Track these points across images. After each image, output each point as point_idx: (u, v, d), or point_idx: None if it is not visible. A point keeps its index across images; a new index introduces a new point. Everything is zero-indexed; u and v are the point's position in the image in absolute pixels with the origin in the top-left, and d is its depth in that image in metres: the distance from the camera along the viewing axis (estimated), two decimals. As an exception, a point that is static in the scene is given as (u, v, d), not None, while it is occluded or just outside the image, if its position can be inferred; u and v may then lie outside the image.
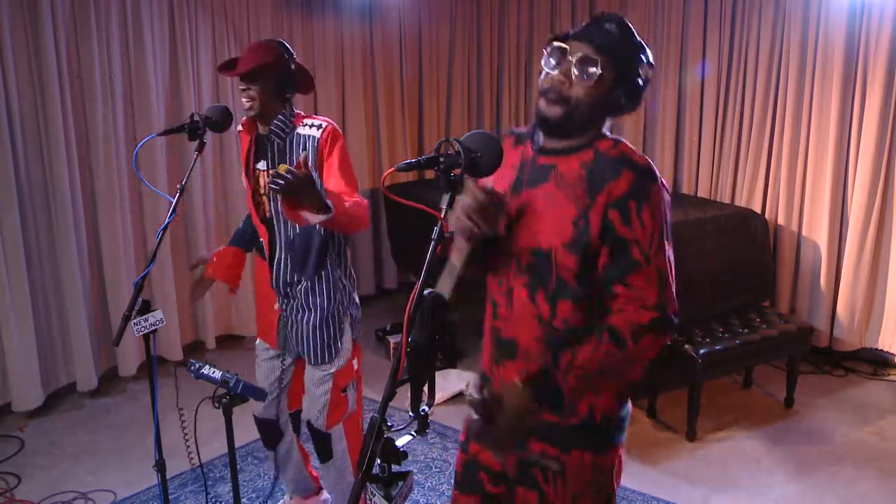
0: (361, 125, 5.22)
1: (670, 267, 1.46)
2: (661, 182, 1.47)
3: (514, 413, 1.40)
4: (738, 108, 4.60)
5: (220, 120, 2.41)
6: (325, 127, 2.36)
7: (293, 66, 2.39)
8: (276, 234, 2.44)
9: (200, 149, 2.33)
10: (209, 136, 2.43)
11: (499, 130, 5.72)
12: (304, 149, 2.34)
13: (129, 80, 4.01)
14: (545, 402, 1.42)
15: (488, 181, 1.57)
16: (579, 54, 1.44)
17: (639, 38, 1.49)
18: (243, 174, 2.51)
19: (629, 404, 1.64)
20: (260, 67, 2.29)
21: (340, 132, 2.40)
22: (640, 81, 1.48)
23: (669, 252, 1.47)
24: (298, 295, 2.47)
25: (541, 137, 1.56)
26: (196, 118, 2.35)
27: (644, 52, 1.49)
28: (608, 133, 1.55)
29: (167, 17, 4.12)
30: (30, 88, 3.60)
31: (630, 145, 1.52)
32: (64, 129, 3.68)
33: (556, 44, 1.47)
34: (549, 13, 5.34)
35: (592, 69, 1.43)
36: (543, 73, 1.50)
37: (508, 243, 1.54)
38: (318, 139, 2.34)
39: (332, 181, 2.30)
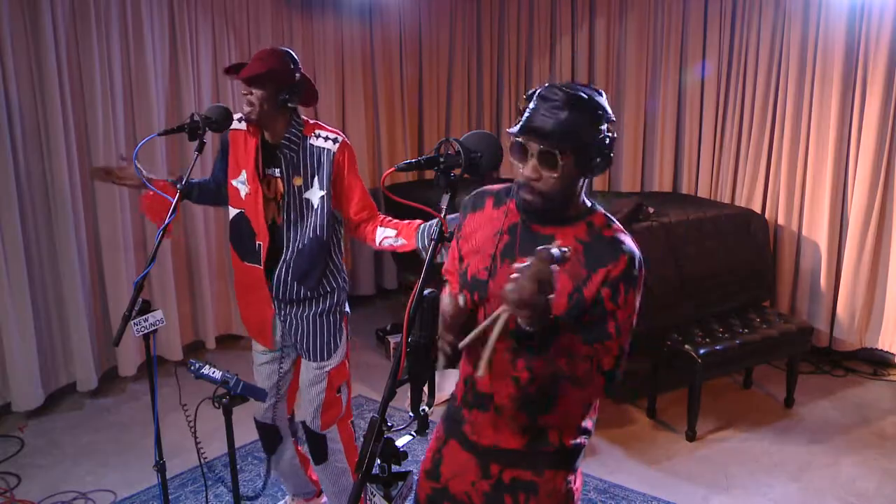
0: (361, 125, 5.22)
1: (628, 340, 1.56)
2: (642, 268, 1.56)
3: (538, 266, 1.35)
4: (738, 108, 4.60)
5: (220, 120, 2.41)
6: (341, 142, 2.42)
7: (297, 77, 2.39)
8: (285, 241, 2.44)
9: (200, 149, 2.33)
10: (209, 136, 2.43)
11: (499, 130, 5.72)
12: (320, 162, 2.39)
13: (129, 80, 4.01)
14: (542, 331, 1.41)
15: (467, 243, 1.63)
16: (536, 153, 1.44)
17: (589, 96, 1.47)
18: (249, 177, 2.47)
19: (588, 435, 1.71)
20: (264, 74, 2.30)
21: (350, 145, 2.47)
22: (606, 141, 1.48)
23: (631, 327, 1.56)
24: (299, 298, 2.47)
25: None
26: (196, 118, 2.35)
27: (599, 110, 1.47)
28: (595, 205, 1.59)
29: (167, 17, 4.12)
30: (30, 88, 3.60)
31: (618, 224, 1.59)
32: (64, 129, 3.68)
33: (514, 140, 1.48)
34: (549, 13, 5.34)
35: (553, 163, 1.44)
36: (514, 164, 1.52)
37: (491, 307, 1.55)
38: (335, 153, 2.40)
39: (359, 200, 2.47)
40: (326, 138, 2.41)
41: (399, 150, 5.52)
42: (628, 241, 1.55)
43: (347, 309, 2.60)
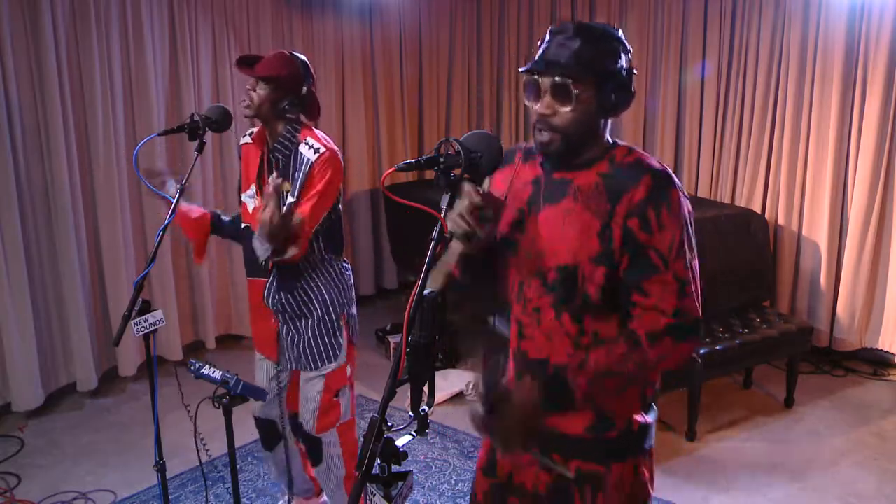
0: (361, 125, 5.22)
1: (693, 274, 1.44)
2: (680, 188, 1.46)
3: (521, 406, 1.37)
4: (738, 108, 4.60)
5: (220, 120, 2.41)
6: (323, 153, 2.32)
7: (304, 91, 2.38)
8: None
9: (200, 149, 2.33)
10: (209, 136, 2.43)
11: (499, 131, 5.72)
12: (299, 170, 2.33)
13: (129, 80, 4.01)
14: (556, 401, 1.39)
15: (501, 195, 1.57)
16: (549, 84, 1.41)
17: (602, 28, 1.44)
18: (255, 190, 2.46)
19: (655, 410, 1.64)
20: (272, 77, 2.30)
21: (339, 159, 2.37)
22: (623, 73, 1.43)
23: (693, 260, 1.45)
24: (297, 308, 2.47)
25: None
26: (196, 118, 2.35)
27: (614, 40, 1.43)
28: (618, 141, 1.52)
29: (167, 17, 4.12)
30: (30, 88, 3.60)
31: (644, 152, 1.50)
32: (64, 129, 3.68)
33: (527, 78, 1.45)
34: (549, 13, 5.34)
35: (567, 96, 1.40)
36: (531, 107, 1.47)
37: (528, 262, 1.52)
38: (313, 163, 2.32)
39: (303, 204, 2.29)
40: (310, 147, 2.34)
41: (399, 150, 5.51)
42: (652, 161, 1.46)
43: (351, 308, 2.58)
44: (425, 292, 1.34)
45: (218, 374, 2.08)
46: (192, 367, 2.12)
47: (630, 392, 1.54)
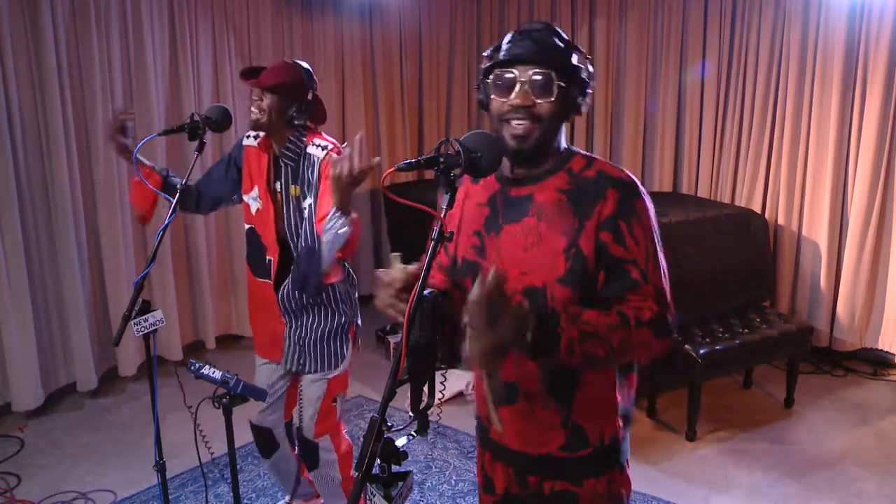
0: (361, 125, 5.22)
1: (664, 276, 1.43)
2: (644, 194, 1.44)
3: (509, 320, 1.27)
4: (738, 108, 4.60)
5: (220, 120, 2.41)
6: (330, 149, 2.37)
7: (310, 97, 2.40)
8: (293, 252, 2.45)
9: (200, 149, 2.33)
10: (209, 136, 2.43)
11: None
12: (311, 171, 2.36)
13: (129, 80, 4.01)
14: (542, 341, 1.30)
15: (453, 220, 1.55)
16: (530, 75, 1.39)
17: (563, 34, 1.46)
18: (261, 192, 2.47)
19: (630, 422, 1.59)
20: (277, 85, 2.32)
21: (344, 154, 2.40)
22: (586, 76, 1.45)
23: (662, 260, 1.44)
24: (307, 309, 2.48)
25: (505, 167, 1.49)
26: (196, 118, 2.35)
27: (576, 47, 1.46)
28: (572, 147, 1.50)
29: (167, 17, 4.12)
30: (30, 88, 3.60)
31: (602, 159, 1.48)
32: (64, 129, 3.68)
33: (498, 72, 1.42)
34: (549, 13, 5.34)
35: (549, 87, 1.39)
36: (495, 101, 1.44)
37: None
38: (322, 160, 2.35)
39: (326, 201, 2.28)
40: (318, 146, 2.38)
41: (399, 150, 5.52)
42: (614, 171, 1.44)
43: (358, 319, 2.59)
44: (425, 292, 1.34)
45: (218, 374, 2.08)
46: (192, 367, 2.12)
47: (605, 394, 1.50)
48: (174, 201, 2.26)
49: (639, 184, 1.45)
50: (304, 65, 2.43)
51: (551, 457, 1.52)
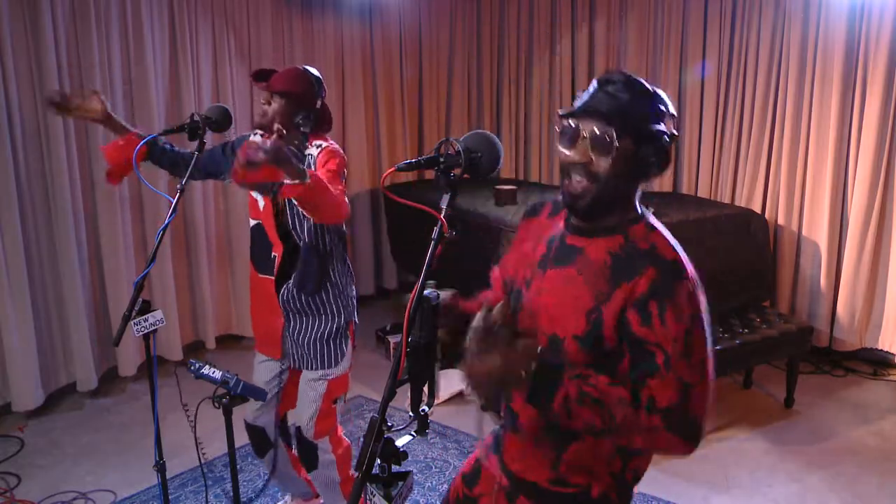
0: (361, 125, 5.22)
1: (703, 372, 1.32)
2: (692, 281, 1.36)
3: (515, 352, 1.27)
4: (738, 108, 4.60)
5: (220, 120, 2.41)
6: (325, 147, 2.40)
7: (318, 105, 2.42)
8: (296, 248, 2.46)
9: (200, 149, 2.34)
10: (209, 136, 2.43)
11: (499, 131, 5.73)
12: (312, 167, 2.37)
13: (129, 80, 4.01)
14: (539, 384, 1.29)
15: (516, 253, 1.55)
16: (590, 131, 1.34)
17: (651, 88, 1.39)
18: (261, 193, 2.48)
19: (624, 488, 1.52)
20: (288, 92, 2.34)
21: (340, 152, 2.42)
22: (666, 137, 1.37)
23: (706, 354, 1.33)
24: (307, 307, 2.48)
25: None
26: (196, 118, 2.35)
27: (660, 103, 1.38)
28: (647, 214, 1.44)
29: (167, 17, 4.12)
30: (30, 88, 3.60)
31: (663, 232, 1.41)
32: (64, 129, 3.68)
33: (566, 123, 1.38)
34: (549, 13, 5.34)
35: (608, 143, 1.33)
36: (560, 151, 1.40)
37: (525, 320, 1.47)
38: (316, 157, 2.38)
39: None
40: (316, 146, 2.41)
41: (399, 150, 5.52)
42: (667, 248, 1.37)
43: (356, 317, 2.60)
44: (425, 292, 1.34)
45: (218, 374, 2.08)
46: (192, 367, 2.12)
47: (603, 450, 1.45)
48: (174, 201, 2.26)
49: (686, 266, 1.37)
50: (316, 73, 2.45)
51: (539, 486, 1.51)
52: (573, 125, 1.37)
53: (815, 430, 3.72)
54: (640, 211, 1.44)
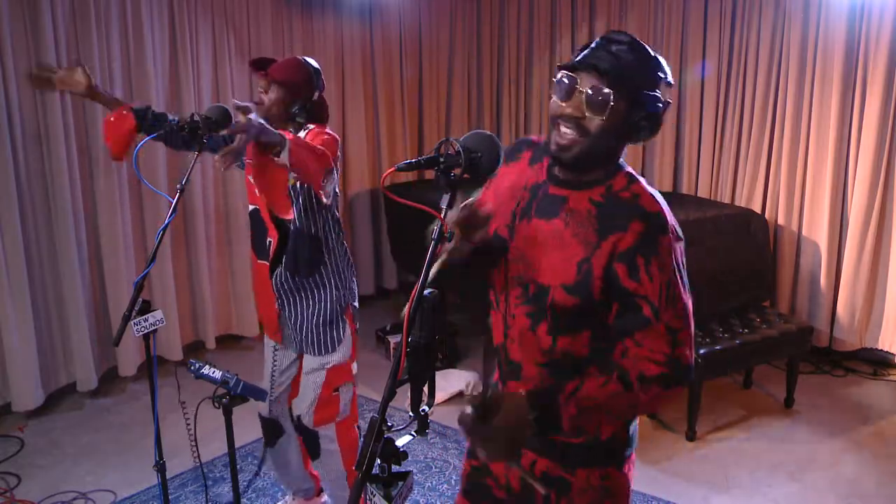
0: (361, 125, 5.22)
1: (686, 320, 1.38)
2: (673, 230, 1.39)
3: (511, 417, 1.32)
4: (738, 108, 4.60)
5: (220, 120, 2.40)
6: (312, 128, 2.42)
7: (316, 97, 2.44)
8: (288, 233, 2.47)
9: (200, 149, 2.34)
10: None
11: (499, 131, 5.72)
12: None
13: (129, 80, 4.01)
14: (543, 422, 1.34)
15: (495, 195, 1.55)
16: (588, 86, 1.34)
17: (654, 55, 1.39)
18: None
19: (634, 423, 1.57)
20: (286, 81, 2.37)
21: (329, 132, 2.42)
22: (660, 104, 1.38)
23: (686, 300, 1.39)
24: (300, 291, 2.49)
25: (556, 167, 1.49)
26: (196, 118, 2.35)
27: (660, 70, 1.40)
28: (624, 165, 1.46)
29: (167, 17, 4.12)
30: (30, 88, 3.59)
31: (644, 184, 1.42)
32: (64, 129, 3.68)
33: (563, 74, 1.37)
34: (549, 13, 5.34)
35: (603, 101, 1.34)
36: (553, 101, 1.40)
37: (513, 267, 1.50)
38: (306, 134, 2.41)
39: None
40: (305, 128, 2.43)
41: (399, 150, 5.52)
42: (649, 200, 1.38)
43: (354, 301, 2.60)
44: (425, 292, 1.34)
45: (218, 374, 2.08)
46: (192, 367, 2.12)
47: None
48: (174, 201, 2.26)
49: (670, 220, 1.39)
50: (315, 64, 2.48)
51: (547, 437, 1.50)
52: (573, 77, 1.37)
53: (815, 430, 3.72)
54: (621, 162, 1.46)
